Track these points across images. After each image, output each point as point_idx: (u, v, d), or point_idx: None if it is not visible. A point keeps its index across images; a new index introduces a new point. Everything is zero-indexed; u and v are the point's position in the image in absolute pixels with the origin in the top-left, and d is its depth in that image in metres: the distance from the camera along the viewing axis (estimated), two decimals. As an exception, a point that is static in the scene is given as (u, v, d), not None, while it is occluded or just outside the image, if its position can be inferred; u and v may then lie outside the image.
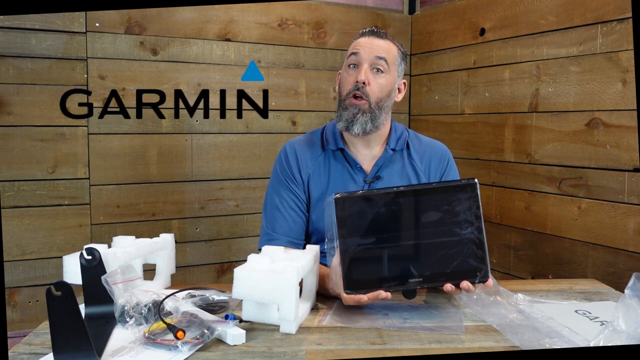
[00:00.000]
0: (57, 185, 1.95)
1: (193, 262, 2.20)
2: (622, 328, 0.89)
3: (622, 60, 1.67)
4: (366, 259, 1.11)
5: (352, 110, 1.35)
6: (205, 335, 0.97)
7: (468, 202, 1.10)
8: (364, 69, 1.35)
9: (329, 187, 1.41)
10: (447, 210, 1.10)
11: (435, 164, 1.44)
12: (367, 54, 1.36)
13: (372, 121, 1.36)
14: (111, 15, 2.00)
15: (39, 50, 1.89)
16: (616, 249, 1.70)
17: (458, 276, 1.09)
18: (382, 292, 1.09)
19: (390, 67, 1.37)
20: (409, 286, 1.11)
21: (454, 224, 1.10)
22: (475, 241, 1.09)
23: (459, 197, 1.10)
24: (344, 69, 1.41)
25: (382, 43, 1.38)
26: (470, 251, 1.09)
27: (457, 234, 1.09)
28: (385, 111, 1.39)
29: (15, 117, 1.87)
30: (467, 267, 1.09)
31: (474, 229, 1.09)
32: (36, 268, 1.93)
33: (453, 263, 1.09)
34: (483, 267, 1.09)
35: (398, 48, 1.41)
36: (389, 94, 1.39)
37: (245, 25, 2.23)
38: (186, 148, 2.16)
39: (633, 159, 1.65)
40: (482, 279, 1.09)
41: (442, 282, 1.10)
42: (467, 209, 1.10)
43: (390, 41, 1.40)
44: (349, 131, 1.36)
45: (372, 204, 1.12)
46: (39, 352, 0.96)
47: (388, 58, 1.36)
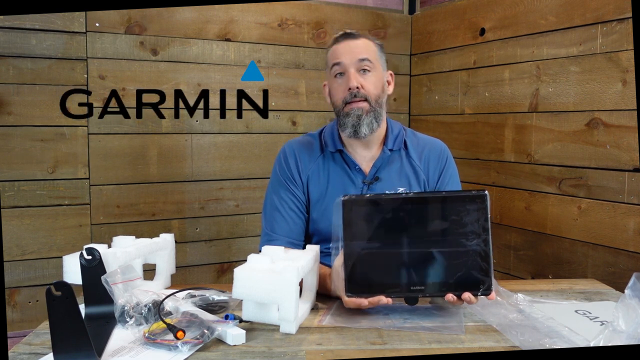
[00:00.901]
0: (57, 185, 1.95)
1: (193, 262, 2.20)
2: (622, 328, 0.89)
3: (622, 60, 1.67)
4: (369, 263, 1.11)
5: (355, 113, 1.34)
6: (205, 335, 0.97)
7: (476, 213, 1.09)
8: (351, 74, 1.34)
9: (328, 189, 1.41)
10: (454, 220, 1.09)
11: (434, 162, 1.44)
12: (349, 60, 1.35)
13: (376, 119, 1.36)
14: (111, 15, 2.00)
15: (39, 50, 1.89)
16: (616, 249, 1.70)
17: (461, 287, 1.09)
18: (383, 297, 1.09)
19: (375, 63, 1.37)
20: (410, 294, 1.11)
21: (460, 235, 1.09)
22: (481, 253, 1.08)
23: (467, 208, 1.09)
24: (330, 79, 1.41)
25: (360, 43, 1.37)
26: (475, 263, 1.08)
27: (463, 244, 1.09)
28: (384, 107, 1.40)
29: (15, 117, 1.87)
30: (470, 279, 1.09)
31: (480, 241, 1.09)
32: (36, 268, 1.93)
33: (457, 274, 1.09)
34: (487, 280, 1.08)
35: (374, 42, 1.41)
36: (382, 89, 1.40)
37: (245, 25, 2.23)
38: (186, 148, 2.16)
39: (633, 159, 1.65)
40: (485, 292, 1.09)
41: (444, 292, 1.09)
42: (475, 220, 1.09)
43: (365, 38, 1.39)
44: (357, 135, 1.36)
45: (379, 209, 1.11)
46: (39, 352, 0.96)
47: (370, 56, 1.36)
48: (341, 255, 1.11)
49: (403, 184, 1.40)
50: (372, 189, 1.39)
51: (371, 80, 1.36)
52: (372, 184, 1.40)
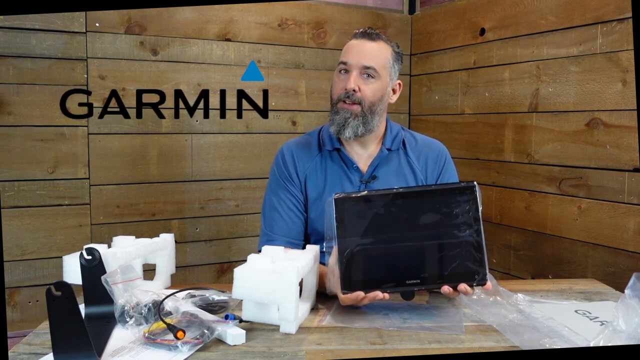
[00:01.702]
0: (57, 185, 1.95)
1: (193, 262, 2.20)
2: (622, 328, 0.89)
3: (622, 60, 1.67)
4: (364, 260, 1.11)
5: (343, 114, 1.35)
6: (205, 335, 0.97)
7: (467, 204, 1.10)
8: (353, 76, 1.34)
9: (325, 188, 1.41)
10: (445, 213, 1.10)
11: (432, 163, 1.44)
12: (355, 62, 1.34)
13: (365, 124, 1.35)
14: (111, 15, 2.00)
15: (39, 50, 1.89)
16: (616, 249, 1.70)
17: (456, 279, 1.09)
18: (380, 292, 1.09)
19: (381, 72, 1.36)
20: (406, 288, 1.11)
21: (452, 227, 1.10)
22: (474, 244, 1.09)
23: (457, 199, 1.10)
24: (335, 72, 1.41)
25: (373, 47, 1.36)
26: (468, 254, 1.09)
27: (456, 236, 1.09)
28: (379, 114, 1.38)
29: (15, 117, 1.87)
30: (465, 270, 1.09)
31: (472, 231, 1.09)
32: (36, 268, 1.93)
33: (451, 265, 1.09)
34: (481, 270, 1.09)
35: (392, 49, 1.39)
36: (382, 98, 1.38)
37: (245, 25, 2.23)
38: (186, 148, 2.16)
39: (633, 159, 1.65)
40: (480, 282, 1.09)
41: (440, 284, 1.10)
42: (466, 211, 1.10)
43: (383, 42, 1.38)
44: (340, 135, 1.36)
45: (371, 205, 1.12)
46: (39, 352, 0.96)
47: (377, 65, 1.34)
48: (335, 253, 1.11)
49: (400, 184, 1.40)
50: (369, 187, 1.39)
51: (372, 87, 1.35)
52: (370, 182, 1.40)
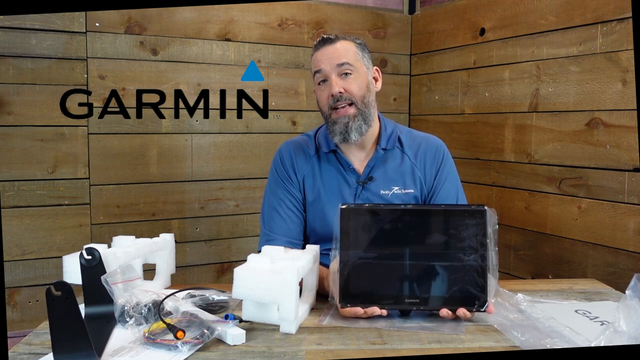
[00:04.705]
0: (57, 185, 1.95)
1: (193, 262, 2.20)
2: (623, 329, 0.89)
3: (622, 60, 1.67)
4: (364, 274, 1.10)
5: (342, 121, 1.34)
6: (205, 335, 0.97)
7: (475, 228, 1.09)
8: (332, 80, 1.34)
9: (322, 190, 1.41)
10: (452, 234, 1.09)
11: (431, 159, 1.43)
12: (329, 66, 1.35)
13: (365, 121, 1.35)
14: (111, 15, 2.00)
15: (39, 50, 1.89)
16: (616, 249, 1.70)
17: (456, 302, 1.09)
18: (377, 308, 1.09)
19: (355, 64, 1.36)
20: (405, 306, 1.11)
21: (458, 249, 1.09)
22: (478, 269, 1.08)
23: (466, 222, 1.09)
24: (315, 87, 1.41)
25: (338, 47, 1.36)
26: (471, 279, 1.08)
27: (460, 259, 1.08)
28: (372, 105, 1.39)
29: (15, 117, 1.87)
30: (466, 295, 1.08)
31: (477, 256, 1.08)
32: (36, 268, 1.93)
33: (452, 288, 1.09)
34: (482, 296, 1.08)
35: (354, 42, 1.40)
36: (368, 88, 1.38)
37: (245, 25, 2.23)
38: (186, 148, 2.16)
39: (633, 159, 1.65)
40: (480, 308, 1.08)
41: (439, 306, 1.09)
42: (473, 235, 1.09)
43: (342, 40, 1.38)
44: (347, 141, 1.36)
45: (377, 219, 1.11)
46: (39, 352, 0.96)
47: (349, 59, 1.35)
48: (337, 261, 1.11)
49: (397, 183, 1.40)
50: (366, 188, 1.39)
51: (354, 82, 1.35)
52: (366, 183, 1.39)
